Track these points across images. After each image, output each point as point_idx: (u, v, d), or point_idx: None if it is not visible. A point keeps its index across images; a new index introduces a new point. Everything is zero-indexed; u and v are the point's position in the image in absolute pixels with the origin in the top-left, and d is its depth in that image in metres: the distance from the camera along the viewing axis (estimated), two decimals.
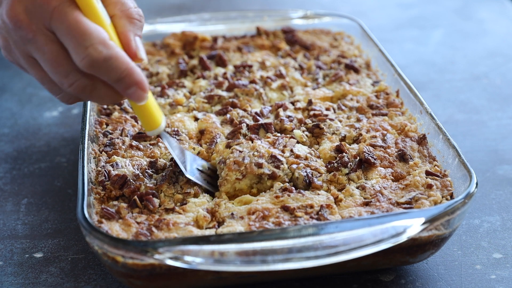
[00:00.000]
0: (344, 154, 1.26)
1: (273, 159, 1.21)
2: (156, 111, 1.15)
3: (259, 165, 1.20)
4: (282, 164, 1.21)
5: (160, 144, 1.31)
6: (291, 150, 1.25)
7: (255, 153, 1.22)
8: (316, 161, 1.25)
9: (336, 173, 1.23)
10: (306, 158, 1.24)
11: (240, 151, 1.23)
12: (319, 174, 1.22)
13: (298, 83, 1.54)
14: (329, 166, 1.25)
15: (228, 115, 1.40)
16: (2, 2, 1.07)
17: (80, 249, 1.27)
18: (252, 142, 1.25)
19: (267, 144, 1.25)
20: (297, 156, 1.24)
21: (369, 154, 1.25)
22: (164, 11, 2.35)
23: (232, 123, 1.38)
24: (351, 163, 1.25)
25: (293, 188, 1.18)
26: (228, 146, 1.26)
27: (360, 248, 1.04)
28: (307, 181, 1.20)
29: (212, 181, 1.25)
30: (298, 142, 1.30)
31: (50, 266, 1.23)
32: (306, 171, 1.21)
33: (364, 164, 1.24)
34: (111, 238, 1.04)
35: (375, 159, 1.25)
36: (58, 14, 1.03)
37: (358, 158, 1.25)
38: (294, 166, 1.21)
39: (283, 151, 1.24)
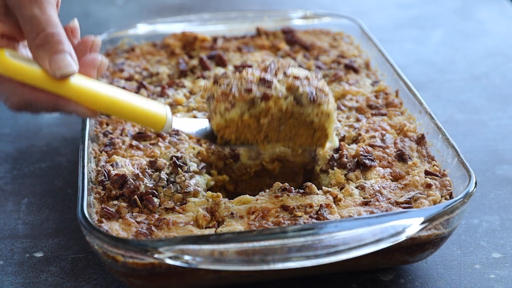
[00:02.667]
0: (343, 154, 1.26)
1: (262, 81, 1.14)
2: (151, 107, 1.12)
3: (249, 90, 1.13)
4: (273, 83, 1.14)
5: (160, 144, 1.32)
6: (284, 73, 1.16)
7: (243, 81, 1.15)
8: (318, 81, 1.17)
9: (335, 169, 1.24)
10: (307, 79, 1.16)
11: (227, 84, 1.16)
12: (323, 95, 1.15)
13: None
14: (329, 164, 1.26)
15: None
16: None
17: (80, 248, 1.27)
18: (241, 73, 1.18)
19: (258, 71, 1.17)
20: (296, 77, 1.15)
21: (365, 156, 1.25)
22: (164, 11, 2.35)
23: None
24: (349, 163, 1.25)
25: (292, 188, 1.19)
26: (215, 81, 1.19)
27: (360, 248, 1.04)
28: (312, 98, 1.13)
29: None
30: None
31: (50, 266, 1.23)
32: (310, 89, 1.14)
33: (362, 165, 1.25)
34: (111, 237, 1.04)
35: (372, 161, 1.25)
36: None
37: (356, 158, 1.26)
38: (297, 83, 1.14)
39: (275, 74, 1.16)
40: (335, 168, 1.25)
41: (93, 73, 1.08)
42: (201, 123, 1.20)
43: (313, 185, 1.19)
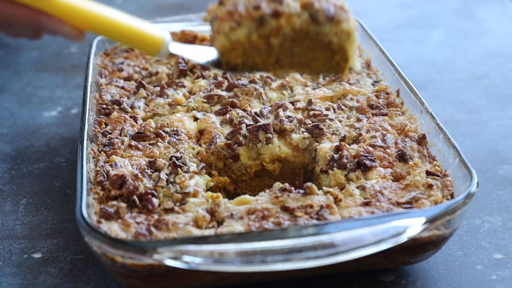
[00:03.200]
0: (343, 154, 1.26)
1: None
2: (147, 28, 1.04)
3: (257, 7, 1.02)
4: None
5: (159, 144, 1.31)
6: None
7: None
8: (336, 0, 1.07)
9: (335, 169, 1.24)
10: None
11: (234, 3, 1.05)
12: (343, 12, 1.05)
13: (298, 83, 1.54)
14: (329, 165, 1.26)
15: (227, 115, 1.40)
16: None
17: (79, 249, 1.27)
18: None
19: None
20: None
21: (366, 157, 1.25)
22: (163, 10, 2.35)
23: (231, 123, 1.38)
24: (350, 164, 1.25)
25: (293, 188, 1.18)
26: (220, 2, 1.09)
27: (360, 248, 1.04)
28: (330, 15, 1.03)
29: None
30: None
31: (49, 267, 1.23)
32: (328, 5, 1.04)
33: (362, 166, 1.24)
34: (110, 238, 1.04)
35: (373, 161, 1.24)
36: None
37: (357, 159, 1.25)
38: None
39: None
40: (335, 168, 1.25)
41: None
42: (205, 49, 1.10)
43: (314, 186, 1.18)
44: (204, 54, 1.09)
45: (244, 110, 1.42)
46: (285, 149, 1.35)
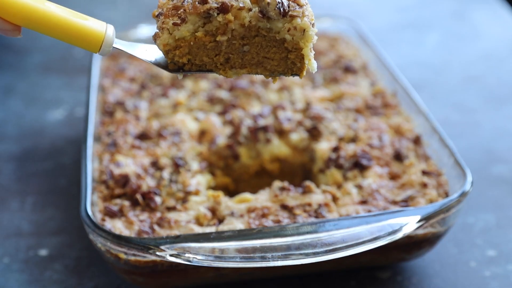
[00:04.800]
0: (340, 154, 1.28)
1: None
2: (86, 22, 0.93)
3: (203, 1, 0.92)
4: None
5: (161, 143, 1.33)
6: None
7: None
8: None
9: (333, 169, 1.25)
10: None
11: None
12: (297, 6, 0.93)
13: (296, 84, 1.55)
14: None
15: (228, 116, 1.41)
16: None
17: (84, 246, 1.28)
18: None
19: None
20: None
21: (363, 157, 1.26)
22: None
23: (232, 123, 1.40)
24: (347, 163, 1.27)
25: (291, 187, 1.20)
26: None
27: (357, 245, 1.06)
28: (281, 9, 0.92)
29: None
30: None
31: (54, 263, 1.25)
32: None
33: (359, 165, 1.26)
34: (114, 235, 1.05)
35: (369, 160, 1.26)
36: None
37: (354, 158, 1.27)
38: None
39: None
40: (332, 168, 1.27)
41: None
42: (153, 47, 0.99)
43: (312, 184, 1.20)
44: (152, 52, 0.98)
45: (244, 111, 1.44)
46: (284, 149, 1.36)
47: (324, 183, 1.27)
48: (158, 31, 0.95)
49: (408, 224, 1.07)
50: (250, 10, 0.92)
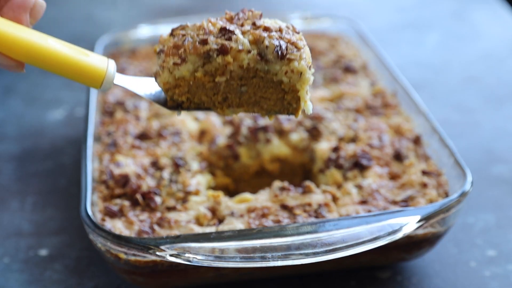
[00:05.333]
0: (340, 154, 1.28)
1: (223, 31, 0.95)
2: (88, 59, 0.94)
3: (204, 42, 0.94)
4: (235, 34, 0.95)
5: (161, 143, 1.33)
6: (254, 24, 0.97)
7: (201, 32, 0.96)
8: (293, 34, 0.97)
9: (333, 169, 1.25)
10: (279, 31, 0.97)
11: (183, 34, 0.97)
12: (295, 49, 0.95)
13: None
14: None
15: (228, 116, 1.41)
16: None
17: (84, 246, 1.28)
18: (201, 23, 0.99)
19: (222, 21, 0.98)
20: (266, 29, 0.96)
21: (363, 157, 1.27)
22: (165, 13, 2.35)
23: (232, 123, 1.40)
24: (347, 164, 1.27)
25: (291, 187, 1.20)
26: (172, 33, 0.99)
27: (357, 245, 1.06)
28: (279, 52, 0.93)
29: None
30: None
31: (54, 263, 1.25)
32: (279, 42, 0.94)
33: (359, 165, 1.26)
34: (114, 235, 1.05)
35: (369, 160, 1.26)
36: None
37: (354, 158, 1.27)
38: (264, 34, 0.95)
39: (242, 25, 0.97)
40: (332, 168, 1.27)
41: (24, 17, 0.90)
42: (153, 82, 1.01)
43: (312, 184, 1.20)
44: (151, 88, 1.00)
45: None
46: (284, 149, 1.37)
47: (324, 183, 1.27)
48: (159, 69, 0.96)
49: (408, 224, 1.07)
50: (249, 51, 0.94)
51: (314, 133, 1.36)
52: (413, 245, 1.14)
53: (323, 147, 1.32)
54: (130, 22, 2.13)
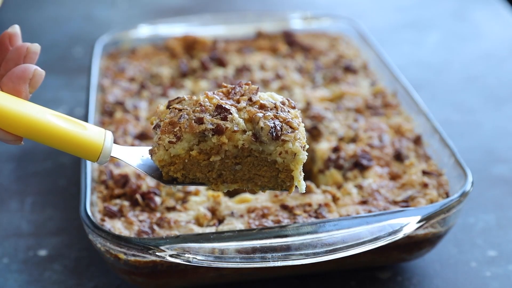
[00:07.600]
0: (340, 154, 1.28)
1: (219, 110, 0.95)
2: (85, 133, 0.94)
3: (200, 121, 0.94)
4: (231, 114, 0.95)
5: None
6: (250, 99, 0.97)
7: (197, 108, 0.96)
8: (288, 111, 0.98)
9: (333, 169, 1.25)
10: (275, 108, 0.97)
11: (179, 110, 0.97)
12: (290, 129, 0.95)
13: (297, 84, 1.56)
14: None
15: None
16: None
17: (83, 246, 1.28)
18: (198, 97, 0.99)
19: (219, 95, 0.99)
20: (262, 106, 0.97)
21: (363, 157, 1.27)
22: (165, 13, 2.36)
23: None
24: (347, 164, 1.27)
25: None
26: (168, 106, 1.00)
27: (358, 246, 1.06)
28: (273, 134, 0.94)
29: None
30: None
31: (53, 264, 1.25)
32: (274, 122, 0.95)
33: (359, 165, 1.26)
34: (113, 235, 1.05)
35: (370, 160, 1.26)
36: None
37: (354, 158, 1.27)
38: (260, 114, 0.95)
39: (238, 101, 0.98)
40: (332, 168, 1.27)
41: (24, 87, 0.91)
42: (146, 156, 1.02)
43: (312, 184, 1.20)
44: (147, 160, 1.01)
45: None
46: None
47: (324, 183, 1.27)
48: (154, 146, 0.97)
49: (408, 224, 1.07)
50: (244, 132, 0.95)
51: (314, 133, 1.36)
52: (413, 245, 1.14)
53: (323, 147, 1.32)
54: (129, 22, 2.14)
